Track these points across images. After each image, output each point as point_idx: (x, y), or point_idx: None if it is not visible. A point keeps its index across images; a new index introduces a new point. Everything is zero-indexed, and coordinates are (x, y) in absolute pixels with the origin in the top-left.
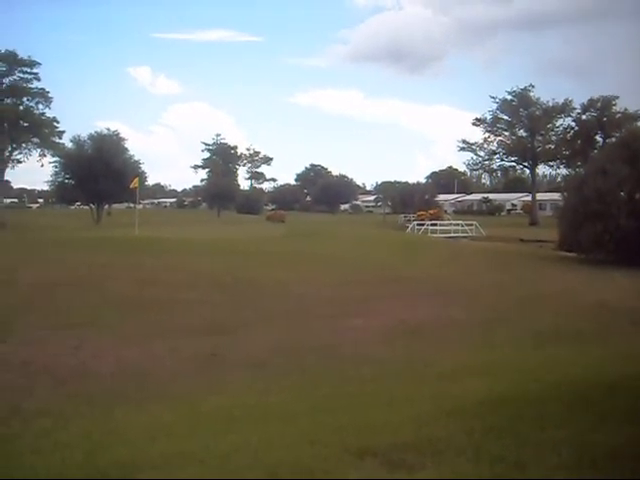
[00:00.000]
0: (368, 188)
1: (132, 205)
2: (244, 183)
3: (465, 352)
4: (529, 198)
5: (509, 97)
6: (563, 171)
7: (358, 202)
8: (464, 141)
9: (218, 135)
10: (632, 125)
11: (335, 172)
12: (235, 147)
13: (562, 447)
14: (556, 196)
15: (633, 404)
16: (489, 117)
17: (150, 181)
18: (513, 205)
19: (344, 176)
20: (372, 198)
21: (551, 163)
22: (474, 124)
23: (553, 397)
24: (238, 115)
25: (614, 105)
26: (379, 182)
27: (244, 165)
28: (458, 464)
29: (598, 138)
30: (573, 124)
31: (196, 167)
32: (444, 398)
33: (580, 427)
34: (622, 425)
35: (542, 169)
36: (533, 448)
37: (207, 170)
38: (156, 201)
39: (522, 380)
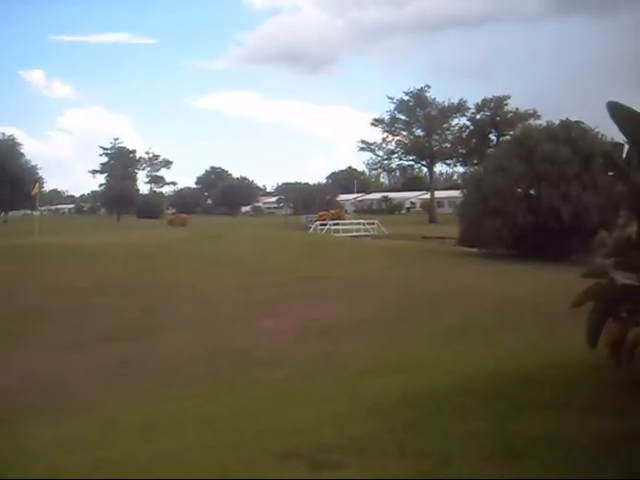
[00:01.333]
0: (269, 190)
1: (29, 212)
2: (144, 187)
3: (378, 350)
4: (427, 196)
5: (406, 98)
6: (459, 169)
7: (259, 204)
8: (363, 141)
9: (116, 139)
10: (525, 124)
11: (236, 174)
12: (134, 151)
13: (484, 438)
14: (453, 193)
15: (545, 392)
16: (387, 117)
17: (47, 187)
18: (412, 203)
19: (245, 178)
20: (274, 200)
21: (448, 161)
22: (373, 124)
23: (469, 390)
24: (137, 119)
25: (506, 105)
26: (280, 183)
27: (143, 169)
28: (383, 462)
29: (492, 137)
30: (468, 123)
31: (94, 172)
32: (362, 396)
33: (498, 418)
34: (537, 413)
35: (439, 167)
36: (456, 441)
37: (105, 175)
38: (54, 207)
39: (437, 375)
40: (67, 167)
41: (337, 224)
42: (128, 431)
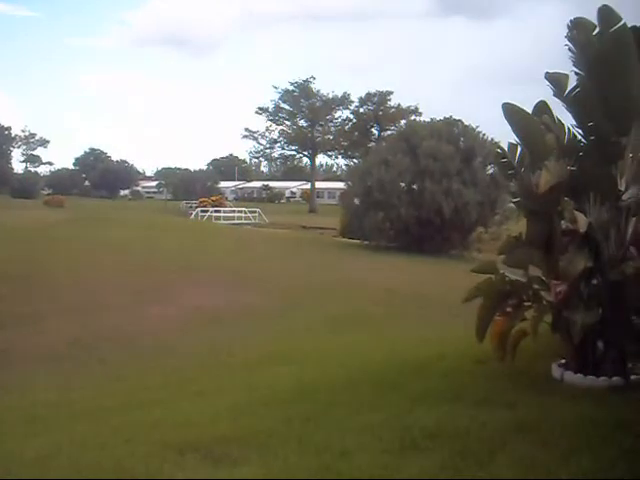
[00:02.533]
0: (149, 174)
1: None
2: (18, 166)
3: (267, 340)
4: (308, 186)
5: (291, 88)
6: (341, 161)
7: (139, 188)
8: (247, 129)
9: None
10: (409, 119)
11: (115, 157)
12: (9, 128)
13: (382, 431)
14: (333, 185)
15: (437, 384)
16: (272, 106)
17: None
18: (292, 193)
19: (124, 161)
20: (153, 184)
21: (330, 153)
22: (257, 112)
23: (362, 381)
24: (13, 95)
25: (389, 100)
26: (160, 168)
27: (18, 147)
28: (284, 456)
29: (374, 130)
30: (351, 116)
31: None
32: (256, 387)
33: (395, 410)
34: (433, 405)
35: (320, 158)
36: (354, 434)
37: None
38: None
39: (329, 366)
40: None
41: (218, 211)
42: (10, 424)
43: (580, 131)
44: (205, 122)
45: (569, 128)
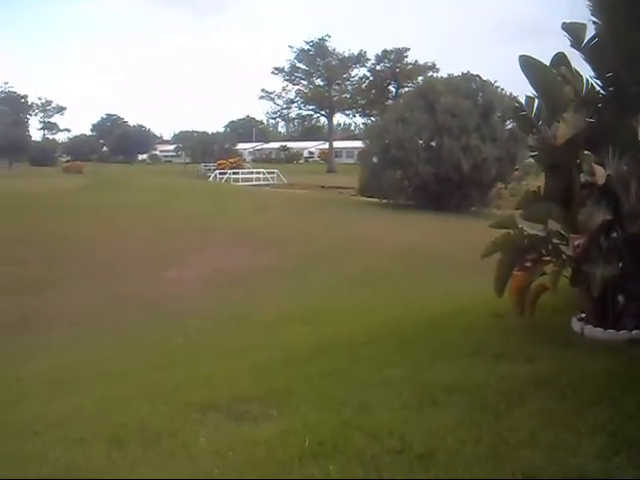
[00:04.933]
0: (166, 138)
1: None
2: (36, 134)
3: (286, 299)
4: (326, 146)
5: (307, 47)
6: (358, 120)
7: (157, 152)
8: (263, 90)
9: (6, 83)
10: (426, 76)
11: (132, 122)
12: (25, 96)
13: (402, 387)
14: (351, 144)
15: (456, 339)
16: (287, 66)
17: None
18: (310, 153)
19: (141, 126)
20: (171, 148)
21: (347, 112)
22: (273, 73)
23: (382, 338)
24: (28, 62)
25: (406, 57)
26: (177, 132)
27: (35, 115)
28: (304, 412)
29: (391, 88)
30: (368, 74)
31: None
32: (275, 347)
33: (414, 365)
34: (453, 360)
35: (338, 118)
36: (374, 390)
37: None
38: None
39: (348, 323)
40: None
41: (237, 173)
42: (37, 387)
43: (599, 82)
44: (222, 84)
45: (587, 80)
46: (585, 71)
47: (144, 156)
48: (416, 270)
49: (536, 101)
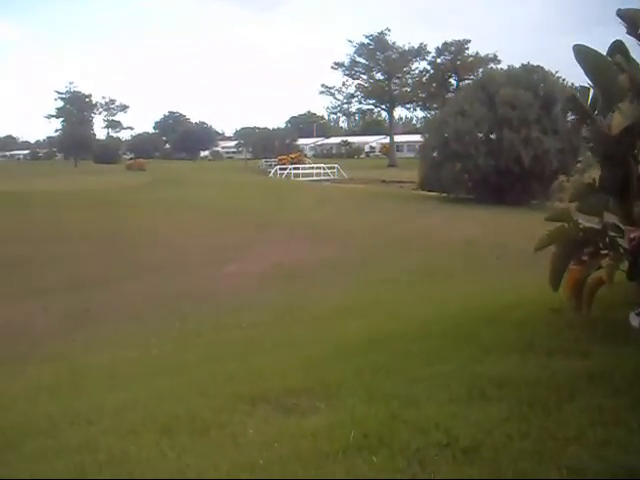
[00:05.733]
0: (228, 134)
1: None
2: (100, 132)
3: (343, 293)
4: (387, 140)
5: (366, 41)
6: (419, 113)
7: (218, 148)
8: (323, 85)
9: (71, 83)
10: (486, 68)
11: (194, 119)
12: (90, 95)
13: (451, 381)
14: (413, 138)
15: (510, 334)
16: (347, 61)
17: (0, 133)
18: (371, 147)
19: (203, 123)
20: (232, 144)
21: (408, 105)
22: (333, 68)
23: (435, 333)
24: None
25: (467, 49)
26: (239, 128)
27: (100, 113)
28: (352, 405)
29: (452, 81)
30: (428, 67)
31: (50, 117)
32: (328, 341)
33: (465, 360)
34: (505, 354)
35: (399, 112)
36: (423, 384)
37: (61, 120)
38: (8, 154)
39: (402, 318)
40: (21, 112)
41: (297, 168)
42: (93, 379)
43: None
44: (282, 80)
45: None
46: None
47: (206, 153)
48: (474, 264)
49: (591, 91)
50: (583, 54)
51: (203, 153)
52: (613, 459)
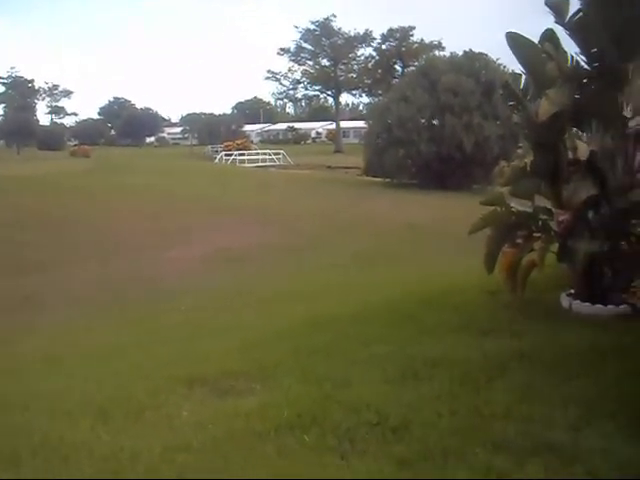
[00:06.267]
0: (174, 120)
1: None
2: (44, 119)
3: (287, 277)
4: (333, 126)
5: (312, 27)
6: (365, 99)
7: (164, 135)
8: (269, 71)
9: (13, 68)
10: (429, 54)
11: (139, 105)
12: (32, 80)
13: (386, 362)
14: (359, 124)
15: (446, 316)
16: (293, 47)
17: None
18: (318, 133)
19: (149, 108)
20: (178, 130)
21: (354, 91)
22: (279, 54)
23: (375, 316)
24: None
25: (411, 36)
26: (185, 114)
27: (43, 99)
28: (287, 386)
29: (397, 67)
30: (374, 54)
31: None
32: (270, 323)
33: (403, 342)
34: (441, 336)
35: (345, 97)
36: (359, 365)
37: (3, 105)
38: None
39: (344, 301)
40: None
41: (243, 154)
42: (31, 364)
43: (584, 58)
44: (229, 65)
45: (572, 56)
46: (574, 48)
47: (152, 139)
48: (415, 248)
49: (523, 78)
50: (516, 42)
51: (149, 139)
52: (535, 434)
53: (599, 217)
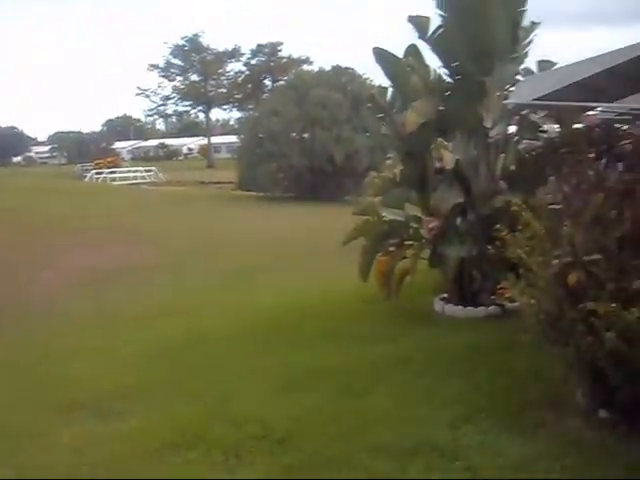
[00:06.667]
0: (42, 139)
1: None
2: None
3: (159, 295)
4: (205, 142)
5: (181, 42)
6: (237, 114)
7: (31, 154)
8: (139, 87)
9: None
10: (298, 69)
11: (3, 124)
12: None
13: (268, 374)
14: (230, 138)
15: (327, 325)
16: (163, 62)
17: None
18: (189, 149)
19: (13, 127)
20: (46, 149)
21: (225, 107)
22: (149, 69)
23: (253, 329)
24: None
25: (280, 51)
26: (53, 132)
27: None
28: (169, 404)
29: (267, 82)
30: (244, 68)
31: None
32: (145, 342)
33: (283, 353)
34: (320, 346)
35: (216, 113)
36: (241, 379)
37: None
38: None
39: (219, 316)
40: None
41: (114, 172)
42: None
43: (447, 71)
44: (97, 83)
45: (435, 70)
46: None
47: (19, 158)
48: (291, 261)
49: (390, 91)
50: (381, 57)
51: (15, 159)
52: (415, 434)
53: (466, 223)
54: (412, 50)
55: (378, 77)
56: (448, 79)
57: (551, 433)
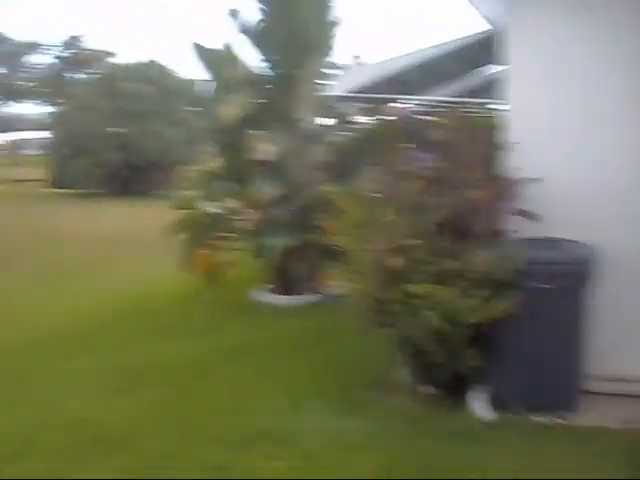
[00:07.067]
0: None
1: None
2: None
3: None
4: (11, 137)
5: None
6: (46, 109)
7: None
8: None
9: None
10: (107, 62)
11: None
12: None
13: (97, 374)
14: (40, 134)
15: (152, 322)
16: None
17: None
18: None
19: None
20: None
21: (35, 100)
22: None
23: (70, 331)
24: None
25: (82, 43)
26: None
27: None
28: None
29: (76, 76)
30: (49, 61)
31: None
32: None
33: (108, 353)
34: (147, 342)
35: (26, 107)
36: (68, 382)
37: None
38: None
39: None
40: None
41: None
42: None
43: (267, 65)
44: None
45: (256, 63)
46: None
47: None
48: (109, 258)
49: (208, 85)
50: (201, 51)
51: None
52: (246, 424)
53: (287, 213)
54: (232, 44)
55: (197, 72)
56: (269, 72)
57: (383, 411)
